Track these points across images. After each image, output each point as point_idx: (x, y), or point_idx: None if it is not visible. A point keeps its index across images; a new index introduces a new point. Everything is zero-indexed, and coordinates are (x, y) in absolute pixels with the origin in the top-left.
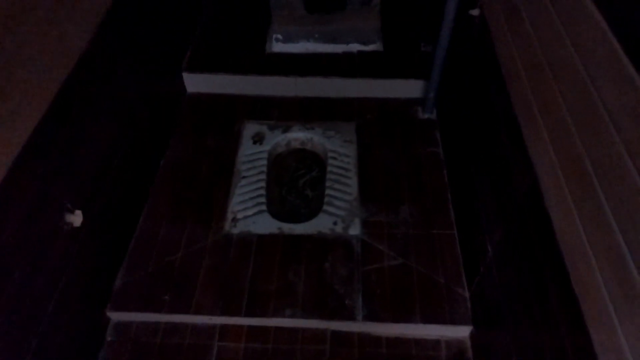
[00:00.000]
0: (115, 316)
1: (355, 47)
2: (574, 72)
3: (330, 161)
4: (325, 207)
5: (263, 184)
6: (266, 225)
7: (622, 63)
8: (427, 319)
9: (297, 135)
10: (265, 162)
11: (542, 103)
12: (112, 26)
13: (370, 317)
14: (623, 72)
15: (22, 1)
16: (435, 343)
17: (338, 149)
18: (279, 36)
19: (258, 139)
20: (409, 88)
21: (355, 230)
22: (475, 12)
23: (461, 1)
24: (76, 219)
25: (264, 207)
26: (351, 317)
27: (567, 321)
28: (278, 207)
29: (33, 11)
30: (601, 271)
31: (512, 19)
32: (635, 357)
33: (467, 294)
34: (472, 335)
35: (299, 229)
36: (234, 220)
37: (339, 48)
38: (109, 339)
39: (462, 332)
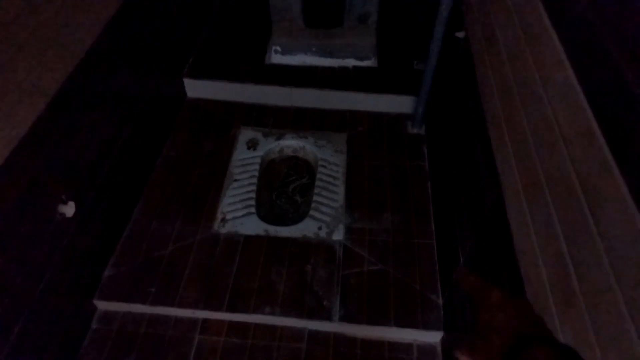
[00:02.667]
0: (102, 305)
1: (350, 62)
2: (536, 96)
3: (320, 169)
4: (311, 212)
5: (254, 187)
6: (253, 226)
7: (575, 90)
8: (401, 323)
9: (290, 143)
10: (257, 167)
11: (509, 122)
12: (119, 26)
13: (347, 318)
14: (576, 98)
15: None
16: (408, 347)
17: (328, 158)
18: (278, 48)
19: (252, 144)
20: (400, 103)
21: (338, 235)
22: (460, 34)
23: (449, 23)
24: (69, 209)
25: (252, 210)
26: (328, 318)
27: None
28: (267, 211)
29: (43, 7)
30: (549, 284)
31: (490, 43)
32: None
33: (440, 301)
34: (443, 341)
35: (284, 232)
36: (223, 220)
37: (335, 62)
38: (94, 327)
39: (434, 337)
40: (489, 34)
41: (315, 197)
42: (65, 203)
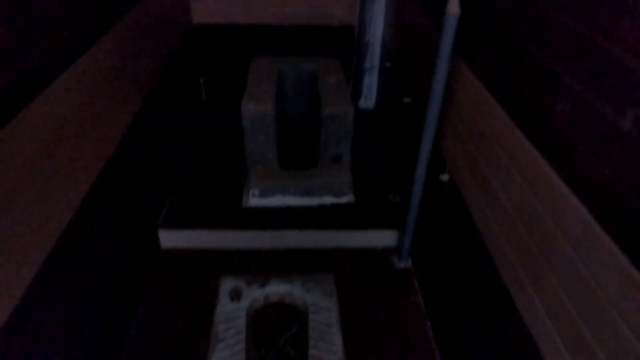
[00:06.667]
0: None
1: (329, 199)
2: (566, 259)
3: (311, 316)
4: None
5: (242, 345)
6: None
7: (614, 253)
8: None
9: (276, 289)
10: (243, 320)
11: (536, 285)
12: (95, 196)
13: None
14: (617, 262)
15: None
16: None
17: (319, 303)
18: (256, 191)
19: (235, 295)
20: (382, 238)
21: None
22: (444, 177)
23: (430, 165)
24: None
25: None
26: None
27: None
28: None
29: (21, 189)
30: None
31: (486, 191)
32: None
33: None
34: None
35: None
36: None
37: (313, 201)
38: None
39: None
40: (482, 182)
41: (311, 351)
42: None
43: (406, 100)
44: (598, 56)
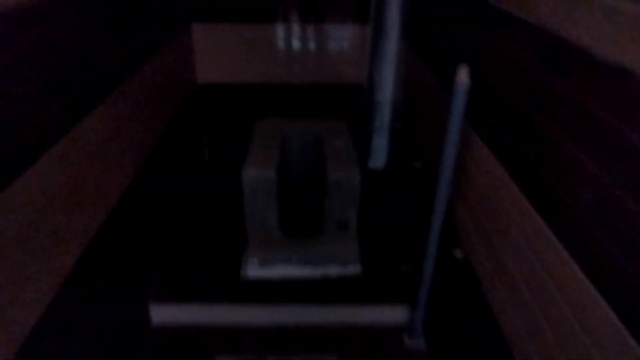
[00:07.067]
0: None
1: (334, 270)
2: (581, 350)
3: None
4: None
5: None
6: None
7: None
8: None
9: None
10: None
11: None
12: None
13: None
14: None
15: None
16: None
17: None
18: (255, 260)
19: None
20: (392, 314)
21: None
22: (458, 254)
23: (443, 238)
24: None
25: None
26: None
27: None
28: None
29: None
30: None
31: (501, 273)
32: None
33: None
34: None
35: None
36: None
37: (317, 271)
38: None
39: None
40: (498, 264)
41: None
42: None
43: (417, 165)
44: (625, 146)
